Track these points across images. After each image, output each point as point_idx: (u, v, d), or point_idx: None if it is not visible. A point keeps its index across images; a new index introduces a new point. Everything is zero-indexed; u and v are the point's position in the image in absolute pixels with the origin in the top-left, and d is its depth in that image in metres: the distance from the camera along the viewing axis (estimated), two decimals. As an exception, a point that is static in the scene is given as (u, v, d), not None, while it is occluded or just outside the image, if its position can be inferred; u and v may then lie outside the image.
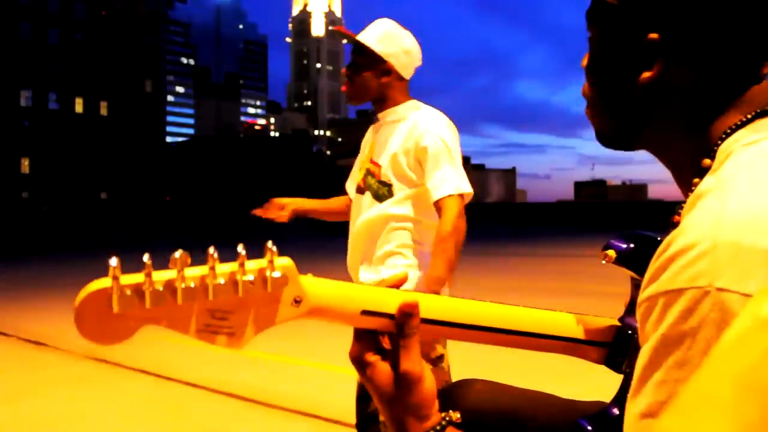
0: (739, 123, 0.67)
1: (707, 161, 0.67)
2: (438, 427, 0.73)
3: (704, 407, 0.37)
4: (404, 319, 0.71)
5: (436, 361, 2.15)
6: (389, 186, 2.24)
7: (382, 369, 0.73)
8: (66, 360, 5.74)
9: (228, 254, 0.65)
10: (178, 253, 0.62)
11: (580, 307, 0.86)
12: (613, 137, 0.78)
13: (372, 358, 0.73)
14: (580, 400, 0.98)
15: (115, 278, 0.61)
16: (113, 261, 0.60)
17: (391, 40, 2.27)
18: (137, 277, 0.62)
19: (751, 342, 0.37)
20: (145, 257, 0.61)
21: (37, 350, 6.19)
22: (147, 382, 4.97)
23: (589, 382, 1.87)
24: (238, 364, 5.21)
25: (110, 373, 5.25)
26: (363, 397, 2.28)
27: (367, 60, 2.25)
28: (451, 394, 1.01)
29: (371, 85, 2.27)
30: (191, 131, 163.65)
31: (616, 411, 0.80)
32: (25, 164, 52.70)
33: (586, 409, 0.91)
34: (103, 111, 57.78)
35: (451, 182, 2.13)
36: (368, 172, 2.31)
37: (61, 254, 18.27)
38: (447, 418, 0.74)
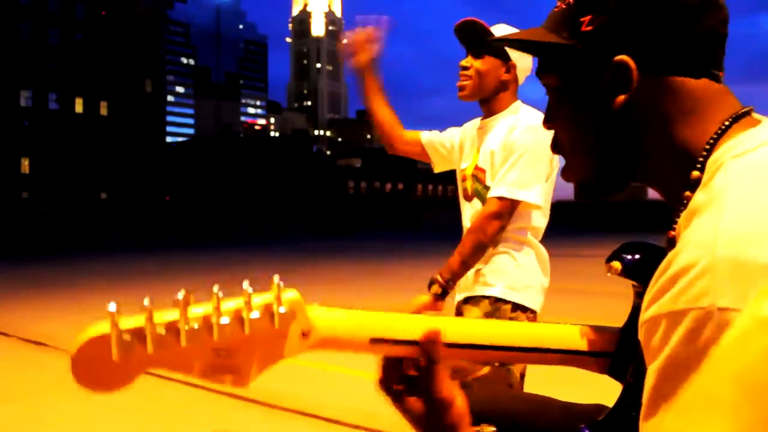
0: (719, 131, 0.67)
1: (696, 173, 0.67)
2: None
3: (704, 406, 0.37)
4: (430, 346, 0.72)
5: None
6: (488, 189, 2.17)
7: (413, 395, 0.73)
8: (66, 360, 5.73)
9: (230, 254, 0.63)
10: (180, 294, 0.60)
11: (580, 306, 0.86)
12: (604, 180, 0.76)
13: (401, 385, 0.74)
14: (579, 403, 0.97)
15: (115, 325, 0.58)
16: (112, 306, 0.58)
17: None
18: (138, 320, 0.59)
19: (751, 342, 0.37)
20: (146, 301, 0.59)
21: (37, 350, 6.19)
22: (147, 382, 4.95)
23: (588, 385, 1.87)
24: (238, 365, 5.20)
25: (110, 373, 5.25)
26: None
27: (495, 54, 2.19)
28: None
29: (490, 82, 2.20)
30: (191, 131, 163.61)
31: (617, 418, 0.80)
32: (25, 164, 52.65)
33: (585, 412, 0.90)
34: (103, 111, 57.73)
35: (510, 185, 2.08)
36: (476, 179, 2.24)
37: (61, 254, 18.26)
38: None
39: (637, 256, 0.82)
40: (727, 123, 0.68)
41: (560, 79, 0.76)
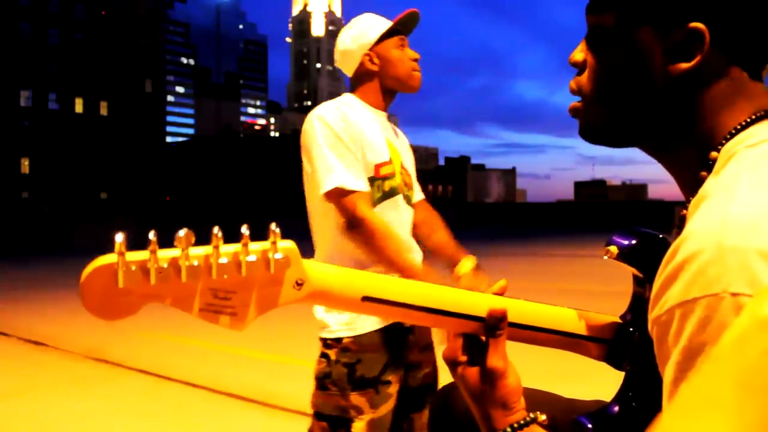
0: (744, 123, 0.66)
1: (714, 154, 0.67)
2: (522, 422, 0.77)
3: (705, 407, 0.38)
4: (496, 320, 0.77)
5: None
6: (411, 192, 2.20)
7: (471, 366, 0.79)
8: (66, 360, 5.74)
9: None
10: (182, 232, 0.62)
11: (579, 307, 0.86)
12: (610, 131, 0.75)
13: (463, 357, 0.80)
14: (580, 399, 0.98)
15: (121, 254, 0.62)
16: (119, 237, 0.61)
17: None
18: (142, 254, 0.63)
19: (751, 342, 0.38)
20: (151, 234, 0.62)
21: (37, 350, 6.19)
22: (147, 382, 4.97)
23: (589, 382, 1.87)
24: (238, 364, 5.22)
25: (110, 373, 5.25)
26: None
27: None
28: (452, 392, 1.00)
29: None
30: (191, 131, 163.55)
31: (616, 409, 0.82)
32: (25, 164, 52.61)
33: (586, 408, 0.91)
34: (103, 111, 57.66)
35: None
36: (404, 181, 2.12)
37: (61, 254, 18.26)
38: (533, 416, 0.78)
39: (633, 241, 0.83)
40: (756, 116, 0.67)
41: (618, 20, 0.71)
